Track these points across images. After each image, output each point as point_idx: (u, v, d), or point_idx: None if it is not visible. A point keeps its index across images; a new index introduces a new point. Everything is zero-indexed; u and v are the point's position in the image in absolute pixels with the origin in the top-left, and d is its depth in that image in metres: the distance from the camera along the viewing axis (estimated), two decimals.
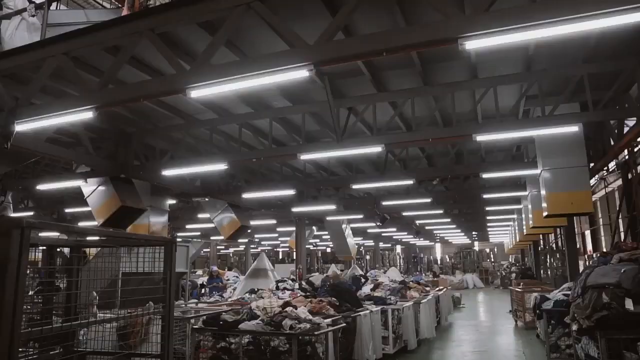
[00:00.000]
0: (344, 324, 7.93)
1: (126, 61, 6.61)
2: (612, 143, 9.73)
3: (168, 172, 10.42)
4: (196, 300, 13.48)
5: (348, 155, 10.40)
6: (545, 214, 9.60)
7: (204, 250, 38.13)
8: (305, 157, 9.18)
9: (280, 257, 49.49)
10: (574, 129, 7.82)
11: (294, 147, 9.45)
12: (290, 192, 13.49)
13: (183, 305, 11.69)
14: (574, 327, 5.78)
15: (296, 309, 6.94)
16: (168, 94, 6.22)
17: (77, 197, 14.81)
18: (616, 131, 9.34)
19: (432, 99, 9.37)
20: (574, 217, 14.26)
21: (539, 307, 8.89)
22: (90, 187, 11.99)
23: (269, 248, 49.40)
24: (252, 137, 10.58)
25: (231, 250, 50.23)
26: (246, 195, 13.78)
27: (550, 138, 9.21)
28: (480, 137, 8.12)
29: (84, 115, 6.75)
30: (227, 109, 10.14)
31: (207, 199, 14.28)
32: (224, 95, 9.22)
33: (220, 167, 9.87)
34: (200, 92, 5.99)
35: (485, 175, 11.66)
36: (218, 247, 42.20)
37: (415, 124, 8.88)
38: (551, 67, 8.06)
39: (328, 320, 7.80)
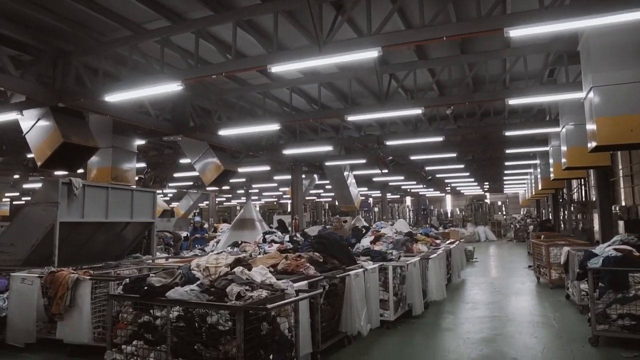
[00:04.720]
0: (323, 288, 5.96)
1: None
2: None
3: (111, 97, 8.28)
4: (167, 255, 11.65)
5: (334, 63, 8.10)
6: (591, 146, 7.36)
7: (205, 202, 36.38)
8: (277, 68, 6.92)
9: (289, 209, 47.78)
10: None
11: (261, 58, 7.18)
12: (275, 126, 11.28)
13: (150, 262, 9.85)
14: None
15: (250, 268, 4.92)
16: None
17: None
18: None
19: None
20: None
21: (583, 265, 6.83)
22: (30, 122, 9.92)
23: (274, 200, 47.71)
24: (214, 52, 8.32)
25: (235, 202, 48.60)
26: (224, 132, 11.62)
27: (602, 45, 6.92)
28: (514, 32, 5.79)
29: None
30: (180, 13, 7.89)
31: (180, 138, 12.17)
32: None
33: (173, 87, 7.72)
34: None
35: (511, 102, 9.35)
36: (219, 199, 40.42)
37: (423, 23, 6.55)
38: None
39: (303, 283, 5.84)
